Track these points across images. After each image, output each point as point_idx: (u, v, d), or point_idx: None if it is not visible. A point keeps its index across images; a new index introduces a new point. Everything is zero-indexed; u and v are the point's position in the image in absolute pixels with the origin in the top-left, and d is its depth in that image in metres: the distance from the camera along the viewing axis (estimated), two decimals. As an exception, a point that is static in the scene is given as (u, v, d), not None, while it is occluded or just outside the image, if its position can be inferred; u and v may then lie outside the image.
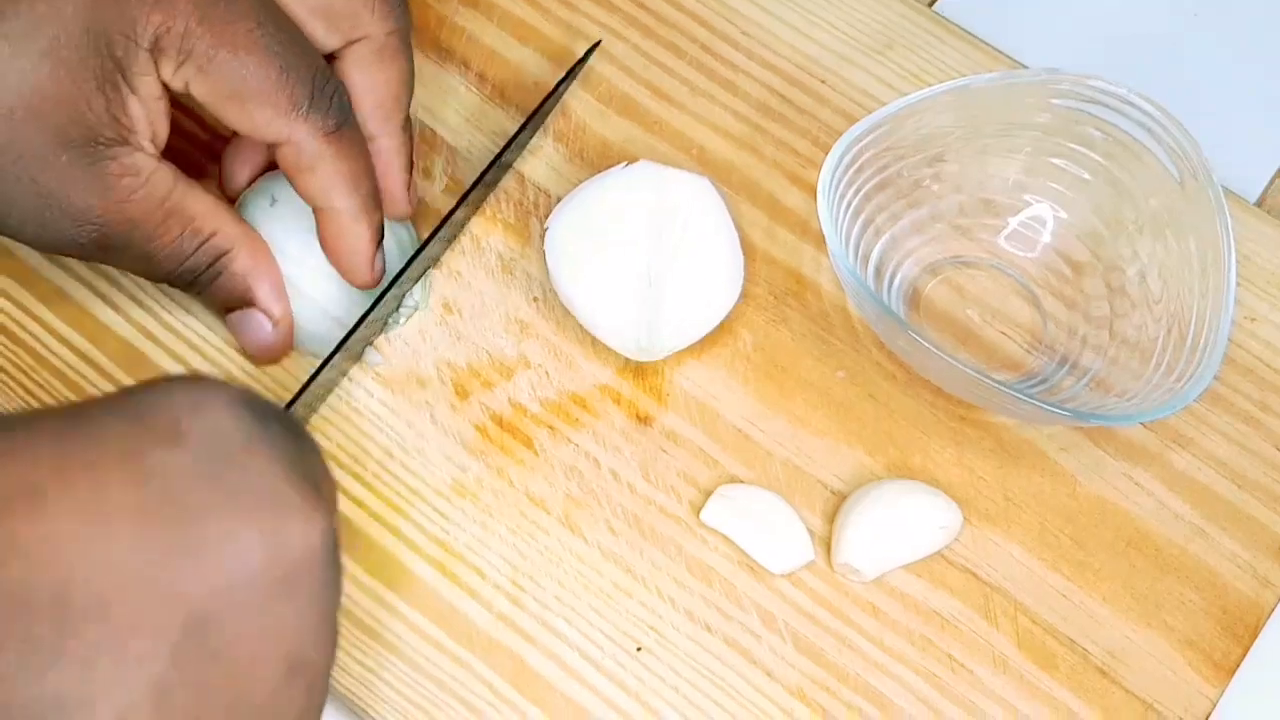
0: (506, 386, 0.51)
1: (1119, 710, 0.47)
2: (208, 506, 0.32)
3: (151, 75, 0.44)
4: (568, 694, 0.47)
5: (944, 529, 0.49)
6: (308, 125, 0.45)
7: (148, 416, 0.33)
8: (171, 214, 0.46)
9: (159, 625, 0.30)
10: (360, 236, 0.48)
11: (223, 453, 0.33)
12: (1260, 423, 0.52)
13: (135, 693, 0.30)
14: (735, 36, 0.58)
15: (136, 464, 0.32)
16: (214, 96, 0.45)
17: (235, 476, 0.32)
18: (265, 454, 0.33)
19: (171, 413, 0.33)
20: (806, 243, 0.54)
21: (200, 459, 0.32)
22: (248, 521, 0.32)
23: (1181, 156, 0.51)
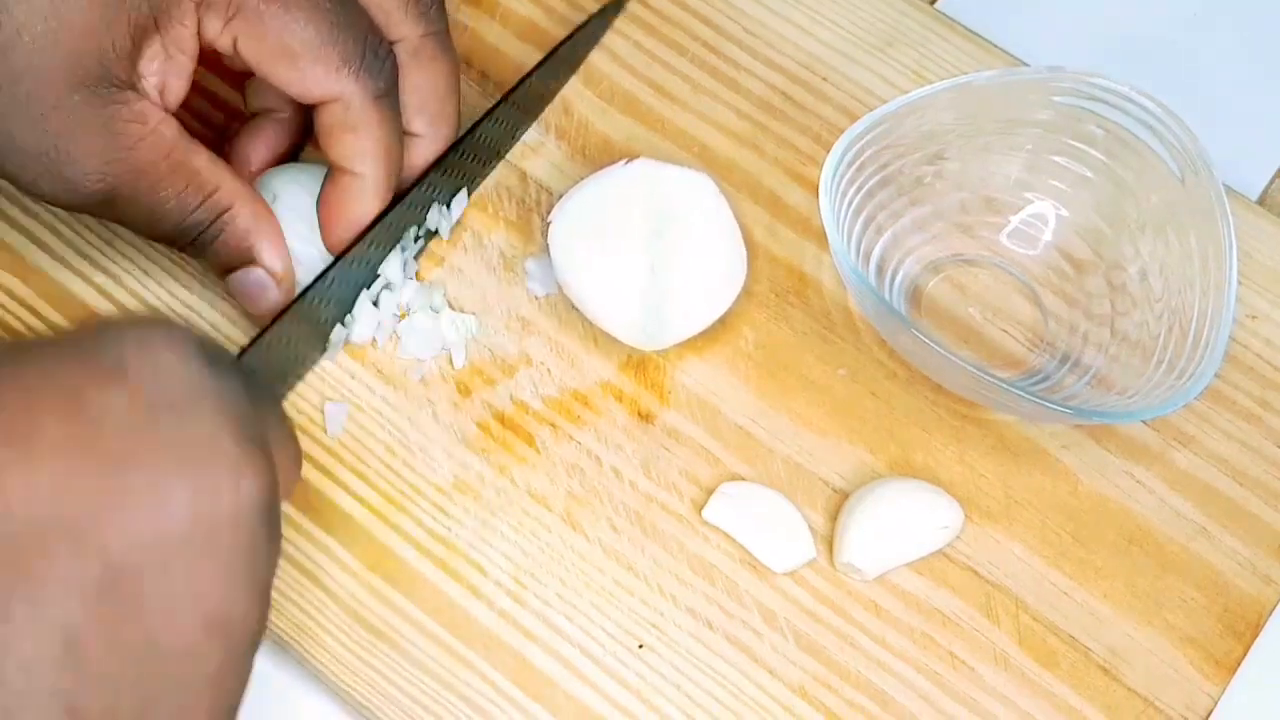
0: (508, 384, 0.51)
1: (1120, 708, 0.47)
2: (140, 454, 0.31)
3: (190, 28, 0.44)
4: (570, 691, 0.47)
5: (945, 527, 0.49)
6: (358, 84, 0.45)
7: (93, 353, 0.32)
8: (176, 167, 0.45)
9: (77, 574, 0.30)
10: (368, 208, 0.48)
11: (165, 398, 0.32)
12: (1261, 420, 0.52)
13: (46, 643, 0.29)
14: (737, 34, 0.58)
15: (74, 400, 0.31)
16: (263, 54, 0.45)
17: (174, 424, 0.31)
18: (209, 404, 0.32)
19: (119, 351, 0.32)
20: (808, 240, 0.54)
21: (140, 403, 0.31)
22: (179, 473, 0.31)
23: (1183, 154, 0.51)
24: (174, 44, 0.44)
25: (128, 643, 0.30)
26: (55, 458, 0.30)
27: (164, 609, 0.31)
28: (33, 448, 0.30)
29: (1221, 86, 0.61)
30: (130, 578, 0.30)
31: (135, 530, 0.30)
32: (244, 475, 0.32)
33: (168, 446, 0.31)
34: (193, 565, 0.31)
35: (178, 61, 0.45)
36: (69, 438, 0.30)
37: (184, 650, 0.31)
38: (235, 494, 0.32)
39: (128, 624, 0.30)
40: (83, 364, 0.32)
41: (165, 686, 0.31)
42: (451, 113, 0.50)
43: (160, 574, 0.31)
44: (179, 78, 0.45)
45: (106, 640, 0.30)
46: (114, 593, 0.30)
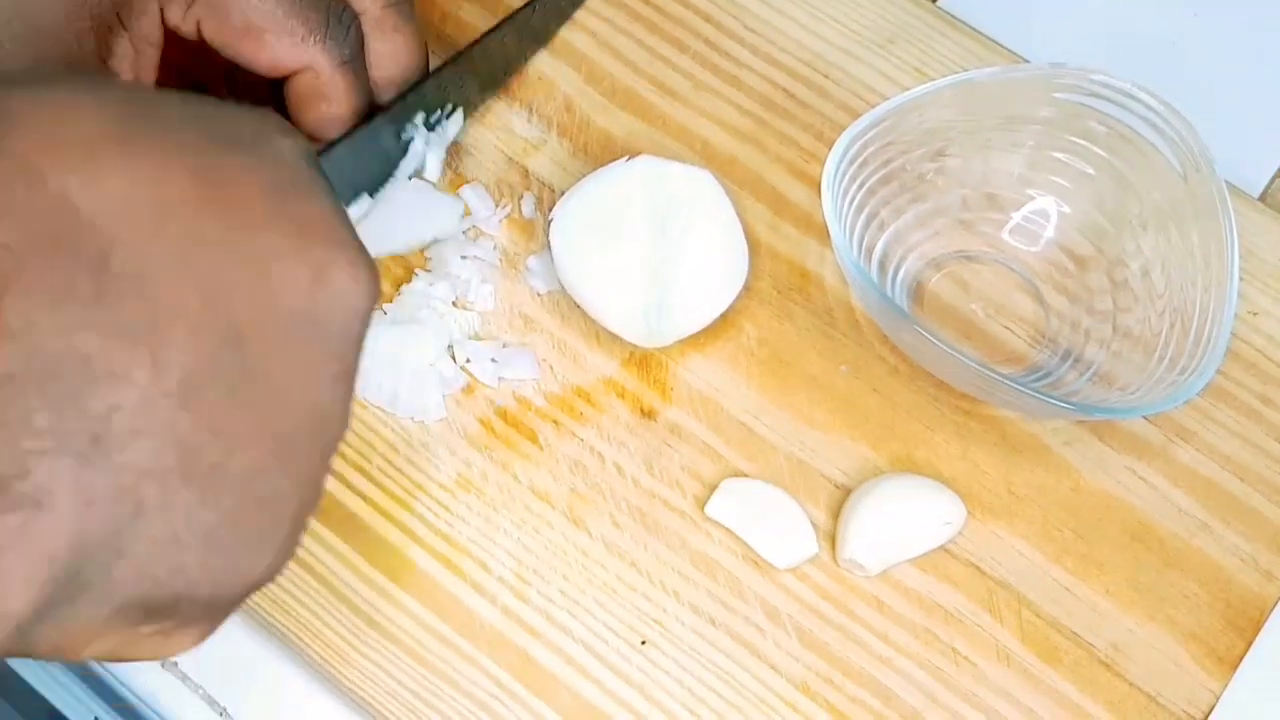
0: (511, 381, 0.51)
1: (1122, 703, 0.47)
2: (266, 222, 0.30)
3: (153, 18, 0.44)
4: (573, 688, 0.47)
5: (948, 523, 0.49)
6: (325, 52, 0.45)
7: (215, 122, 0.32)
8: None
9: (202, 320, 0.29)
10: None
11: (287, 180, 0.31)
12: (1263, 416, 0.52)
13: (167, 377, 0.29)
14: (739, 31, 0.58)
15: (202, 161, 0.30)
16: (227, 33, 0.45)
17: (297, 204, 0.31)
18: (324, 197, 0.32)
19: (240, 130, 0.32)
20: (810, 237, 0.54)
21: (265, 177, 0.31)
22: (303, 252, 0.31)
23: (1185, 150, 0.51)
24: (140, 38, 0.44)
25: (243, 404, 0.30)
26: (187, 210, 0.29)
27: (278, 383, 0.30)
28: (165, 196, 0.29)
29: (1223, 83, 0.61)
30: (250, 340, 0.30)
31: (260, 296, 0.30)
32: (361, 269, 0.32)
33: (292, 221, 0.31)
34: (307, 346, 0.31)
35: (146, 55, 0.45)
36: (201, 195, 0.30)
37: (290, 433, 0.31)
38: (354, 284, 0.32)
39: (245, 383, 0.30)
40: (209, 131, 0.31)
41: (269, 466, 0.31)
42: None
43: (278, 346, 0.30)
44: (148, 71, 0.45)
45: (224, 392, 0.30)
46: (235, 349, 0.30)
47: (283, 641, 0.48)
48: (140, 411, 0.28)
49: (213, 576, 0.31)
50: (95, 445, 0.28)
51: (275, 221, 0.31)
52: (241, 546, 0.31)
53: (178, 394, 0.29)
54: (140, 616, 0.30)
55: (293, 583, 0.47)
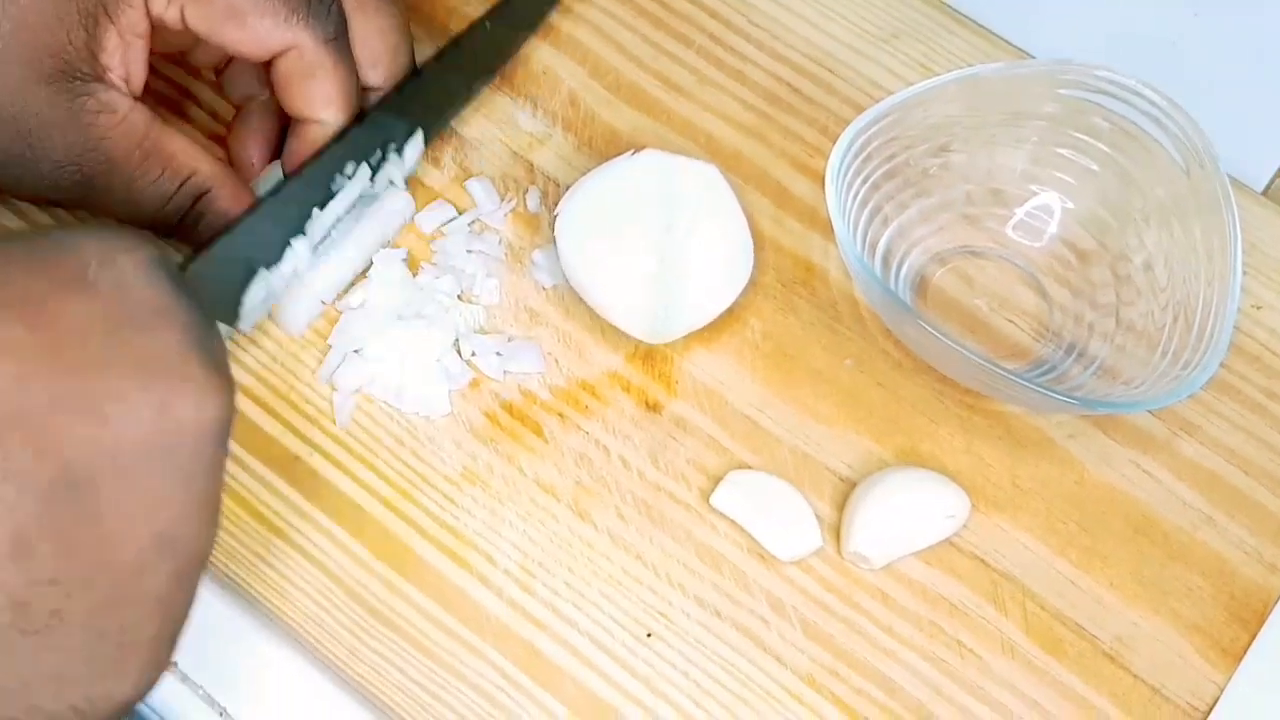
0: (516, 374, 0.51)
1: (1127, 695, 0.48)
2: (103, 363, 0.31)
3: (138, 9, 0.44)
4: (579, 680, 0.47)
5: (952, 516, 0.49)
6: (308, 30, 0.46)
7: (55, 262, 0.32)
8: (150, 154, 0.46)
9: (29, 474, 0.30)
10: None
11: (129, 312, 0.32)
12: (1267, 410, 0.52)
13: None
14: (744, 26, 0.58)
15: (36, 306, 0.31)
16: (211, 19, 0.45)
17: (137, 338, 0.31)
18: (174, 321, 0.32)
19: (80, 261, 0.32)
20: (814, 231, 0.54)
21: (102, 313, 0.31)
22: (142, 385, 0.31)
23: (1188, 146, 0.51)
24: (128, 29, 0.44)
25: (79, 549, 0.30)
26: (16, 359, 0.30)
27: (118, 520, 0.31)
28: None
29: (1226, 79, 0.62)
30: (86, 484, 0.30)
31: (95, 437, 0.30)
32: (205, 394, 0.32)
33: (132, 359, 0.31)
34: (150, 479, 0.31)
35: (135, 47, 0.45)
36: (31, 342, 0.30)
37: (134, 564, 0.31)
38: (199, 413, 0.32)
39: (80, 529, 0.30)
40: (44, 272, 0.31)
41: (114, 599, 0.31)
42: (405, 63, 0.50)
43: (117, 484, 0.31)
44: (139, 65, 0.46)
45: (57, 542, 0.30)
46: (69, 497, 0.30)
47: (288, 636, 0.48)
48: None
49: (74, 709, 0.31)
50: None
51: (111, 361, 0.31)
52: (98, 677, 0.32)
53: (9, 553, 0.29)
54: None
55: (299, 576, 0.48)
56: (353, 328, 0.50)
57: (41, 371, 0.30)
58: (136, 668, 0.33)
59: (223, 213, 0.48)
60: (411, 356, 0.50)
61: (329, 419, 0.50)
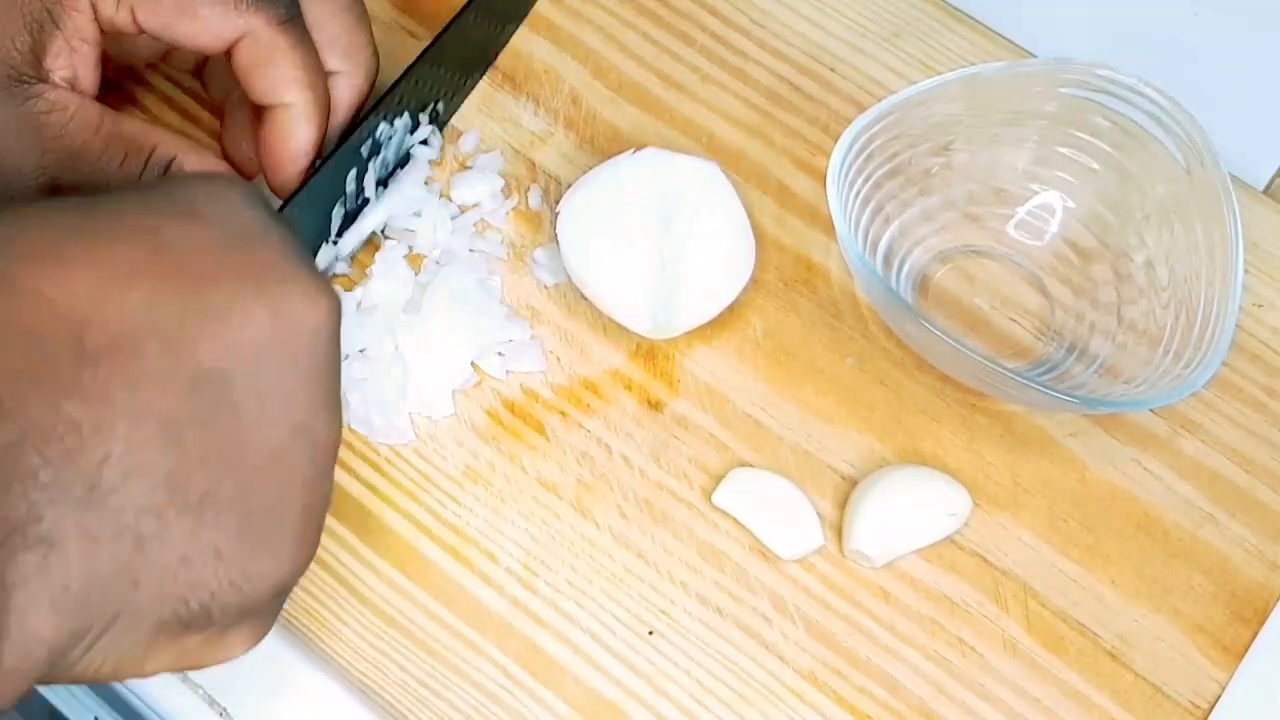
0: (518, 373, 0.51)
1: (1128, 693, 0.48)
2: (221, 276, 0.34)
3: (85, 14, 0.45)
4: (580, 677, 0.47)
5: (954, 515, 0.49)
6: (260, 15, 0.46)
7: (168, 198, 0.35)
8: (110, 140, 0.46)
9: (171, 372, 0.33)
10: (304, 137, 0.48)
11: (238, 233, 0.35)
12: (1268, 408, 0.52)
13: (147, 427, 0.32)
14: (745, 25, 0.58)
15: (154, 235, 0.34)
16: (162, 16, 0.45)
17: (248, 253, 0.35)
18: (277, 239, 0.35)
19: (190, 196, 0.35)
20: (816, 230, 0.54)
21: (216, 235, 0.35)
22: (259, 293, 0.34)
23: (1189, 145, 0.51)
24: (75, 34, 0.45)
25: (223, 434, 0.34)
26: (144, 279, 0.33)
27: (254, 408, 0.34)
28: (123, 271, 0.33)
29: (1227, 77, 0.62)
30: (222, 379, 0.34)
31: (223, 339, 0.34)
32: (315, 299, 0.35)
33: (245, 270, 0.34)
34: (278, 373, 0.35)
35: (82, 52, 0.45)
36: (155, 264, 0.33)
37: (274, 448, 0.35)
38: (310, 313, 0.35)
39: (222, 417, 0.34)
40: (160, 207, 0.35)
41: (260, 480, 0.35)
42: (363, 43, 0.50)
43: (249, 378, 0.34)
44: (87, 68, 0.46)
45: (202, 428, 0.33)
46: (207, 390, 0.33)
47: (289, 634, 0.48)
48: (126, 458, 0.32)
49: (234, 585, 0.35)
50: (92, 492, 0.32)
51: (228, 273, 0.34)
52: (253, 555, 0.35)
53: (159, 438, 0.33)
54: (180, 630, 0.34)
55: (301, 573, 0.48)
56: (355, 327, 0.50)
57: (168, 287, 0.33)
58: (288, 545, 0.36)
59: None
60: (414, 355, 0.50)
61: (331, 417, 0.50)
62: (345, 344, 0.50)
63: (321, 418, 0.36)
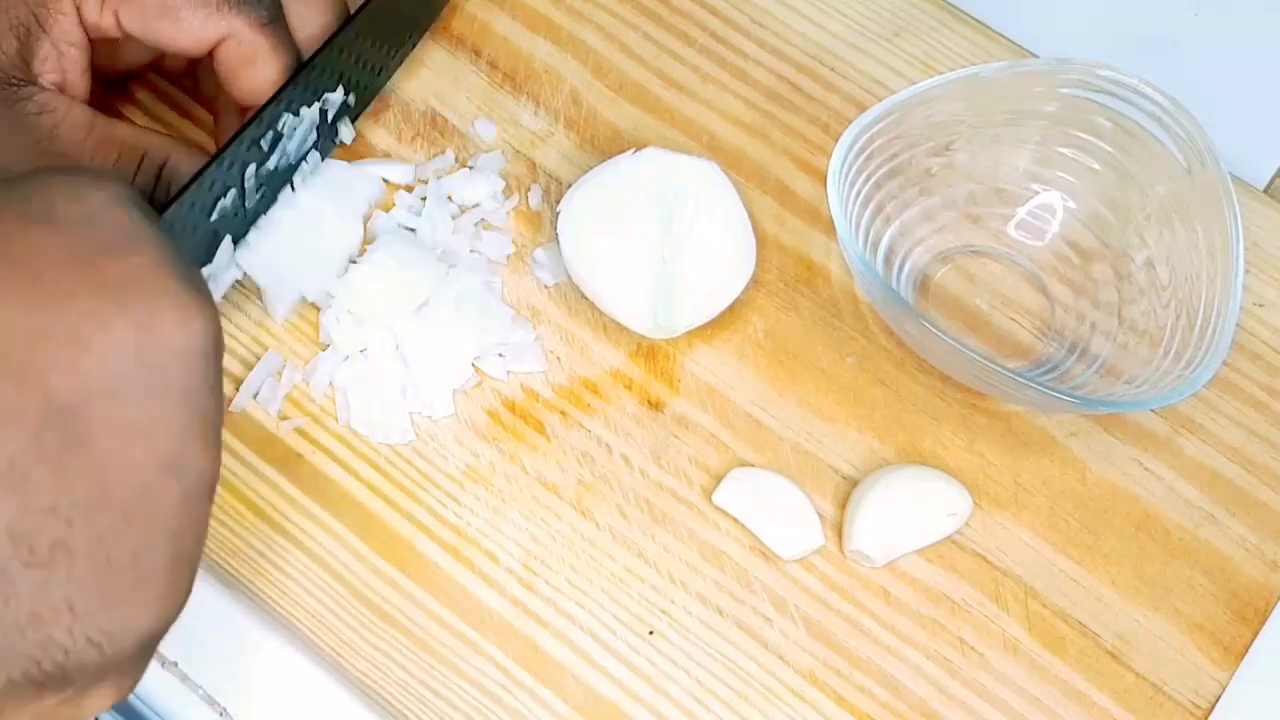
0: (518, 372, 0.51)
1: (1129, 693, 0.48)
2: (77, 292, 0.31)
3: (70, 17, 0.45)
4: (581, 677, 0.47)
5: (954, 514, 0.49)
6: (242, 17, 0.46)
7: (22, 200, 0.32)
8: (101, 141, 0.46)
9: (16, 407, 0.30)
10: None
11: (99, 240, 0.31)
12: (1269, 408, 0.52)
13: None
14: (745, 25, 0.58)
15: (4, 244, 0.31)
16: (145, 19, 0.45)
17: (110, 264, 0.31)
18: (144, 246, 0.32)
19: (48, 198, 0.32)
20: (816, 229, 0.54)
21: (72, 244, 0.31)
22: (121, 310, 0.31)
23: (1189, 145, 0.51)
24: (62, 38, 0.45)
25: (76, 476, 0.30)
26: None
27: (114, 444, 0.31)
28: None
29: (1228, 77, 0.62)
30: (77, 412, 0.30)
31: (79, 365, 0.30)
32: (189, 313, 0.32)
33: (106, 285, 0.31)
34: (142, 401, 0.31)
35: (70, 56, 0.46)
36: (3, 282, 0.30)
37: (138, 489, 0.31)
38: (183, 330, 0.31)
39: (75, 456, 0.30)
40: (10, 210, 0.31)
41: (120, 526, 0.31)
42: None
43: (108, 410, 0.31)
44: (76, 72, 0.46)
45: (52, 471, 0.30)
46: (59, 426, 0.30)
47: (290, 633, 0.48)
48: None
49: (92, 643, 0.31)
50: None
51: (86, 288, 0.31)
52: (113, 609, 0.31)
53: (4, 483, 0.29)
54: (32, 693, 0.31)
55: (301, 573, 0.48)
56: (356, 328, 0.50)
57: (15, 306, 0.30)
58: (154, 596, 0.32)
59: (188, 174, 0.47)
60: (416, 355, 0.50)
61: (331, 416, 0.50)
62: (346, 343, 0.50)
63: (193, 452, 0.32)
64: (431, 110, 0.55)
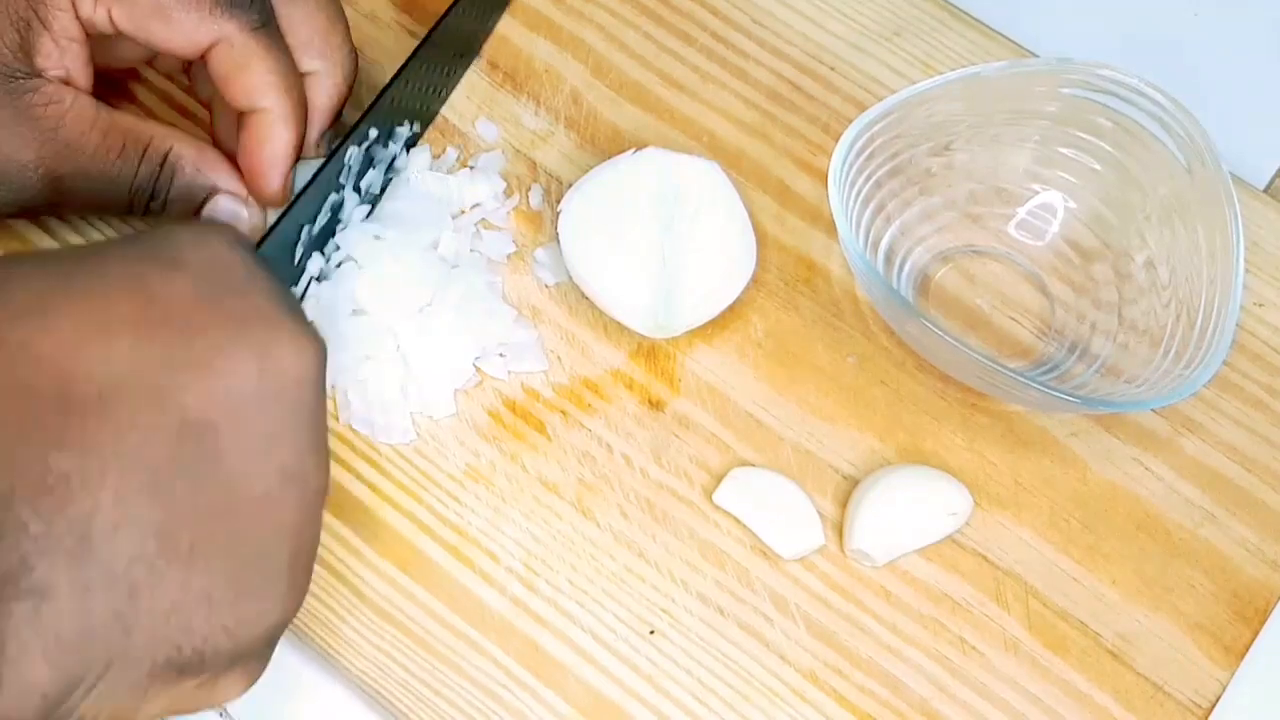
0: (519, 372, 0.51)
1: (1129, 692, 0.48)
2: (206, 325, 0.35)
3: (68, 12, 0.45)
4: (581, 677, 0.47)
5: (955, 514, 0.49)
6: (234, 21, 0.46)
7: (153, 249, 0.36)
8: (107, 131, 0.47)
9: (156, 423, 0.34)
10: (282, 141, 0.48)
11: (222, 281, 0.36)
12: (1269, 408, 0.52)
13: (135, 479, 0.33)
14: (746, 24, 0.58)
15: (139, 286, 0.35)
16: (137, 18, 0.46)
17: (233, 301, 0.35)
18: (262, 286, 0.36)
19: (174, 246, 0.36)
20: (817, 229, 0.54)
21: (200, 285, 0.35)
22: (244, 341, 0.35)
23: (1190, 145, 0.51)
24: (62, 33, 0.45)
25: (210, 483, 0.34)
26: (129, 331, 0.34)
27: (241, 457, 0.35)
28: (108, 323, 0.34)
29: (1228, 77, 0.62)
30: (208, 429, 0.34)
31: (209, 388, 0.34)
32: (300, 344, 0.36)
33: (230, 318, 0.35)
34: (264, 420, 0.35)
35: (72, 51, 0.46)
36: (140, 315, 0.34)
37: (262, 495, 0.35)
38: (297, 358, 0.36)
39: (209, 466, 0.34)
40: (145, 258, 0.36)
41: (249, 527, 0.35)
42: (339, 43, 0.50)
43: (235, 426, 0.35)
44: (79, 65, 0.46)
45: (190, 479, 0.34)
46: (194, 440, 0.34)
47: (291, 633, 0.48)
48: (116, 509, 0.33)
49: (226, 631, 0.35)
50: (83, 543, 0.32)
51: (214, 322, 0.35)
52: (243, 601, 0.36)
53: (147, 489, 0.33)
54: (174, 676, 0.35)
55: (302, 572, 0.48)
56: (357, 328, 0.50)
57: (153, 337, 0.34)
58: (278, 590, 0.36)
59: (193, 169, 0.48)
60: (417, 355, 0.50)
61: (332, 416, 0.50)
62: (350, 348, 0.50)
63: (309, 463, 0.37)
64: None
